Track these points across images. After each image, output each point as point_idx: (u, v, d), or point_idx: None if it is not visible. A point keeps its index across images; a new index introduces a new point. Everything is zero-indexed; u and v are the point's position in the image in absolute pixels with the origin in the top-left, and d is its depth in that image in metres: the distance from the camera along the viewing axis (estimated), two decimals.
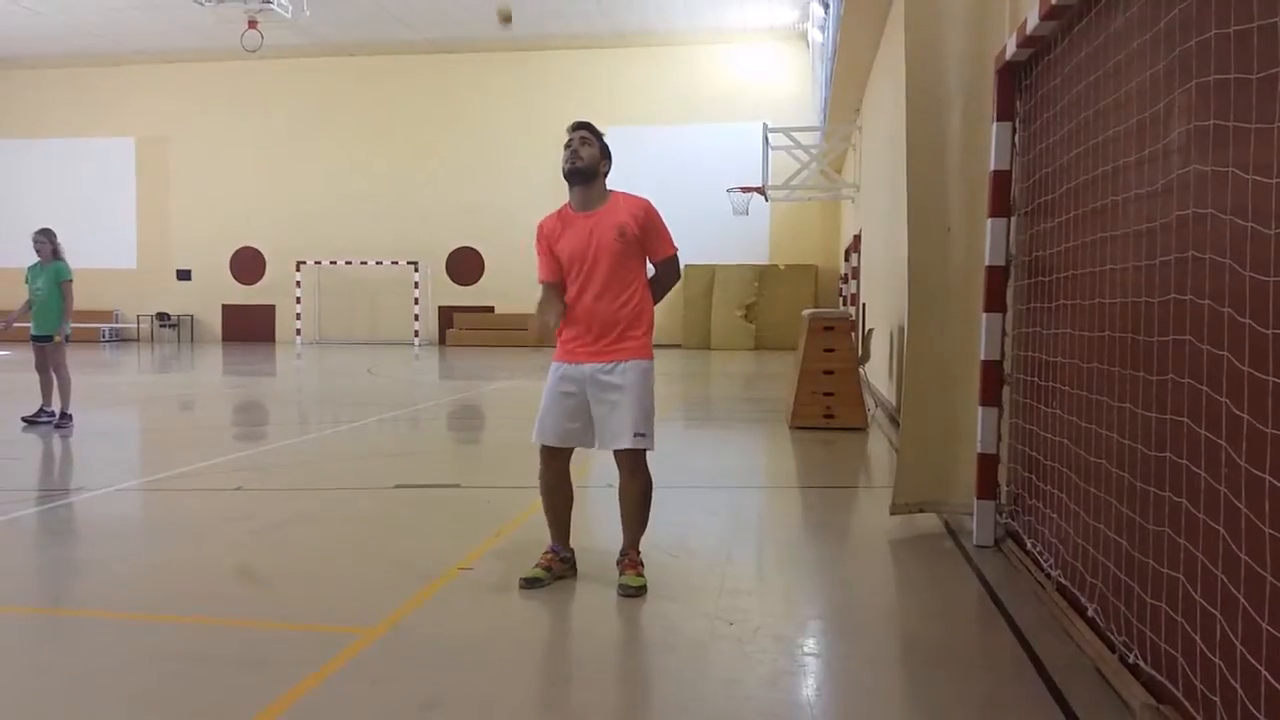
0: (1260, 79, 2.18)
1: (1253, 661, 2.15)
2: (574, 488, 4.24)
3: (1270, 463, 2.10)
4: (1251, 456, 2.19)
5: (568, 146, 4.01)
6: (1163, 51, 2.82)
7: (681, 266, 4.26)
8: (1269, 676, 2.08)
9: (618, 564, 4.10)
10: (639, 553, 4.12)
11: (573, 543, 4.24)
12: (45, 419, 9.28)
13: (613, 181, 4.13)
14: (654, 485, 4.16)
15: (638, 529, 4.13)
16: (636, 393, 3.97)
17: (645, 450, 4.03)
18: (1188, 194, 2.62)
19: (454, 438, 9.83)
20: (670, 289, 4.23)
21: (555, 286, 4.07)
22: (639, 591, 3.94)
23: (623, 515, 4.14)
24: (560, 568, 4.15)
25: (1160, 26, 2.83)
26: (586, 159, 3.99)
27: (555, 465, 4.15)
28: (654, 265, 4.13)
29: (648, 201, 4.08)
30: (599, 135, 4.10)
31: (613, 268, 3.95)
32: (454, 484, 6.73)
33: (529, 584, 4.02)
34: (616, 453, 4.04)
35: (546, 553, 4.17)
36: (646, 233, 4.02)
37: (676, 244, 4.14)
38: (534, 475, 4.22)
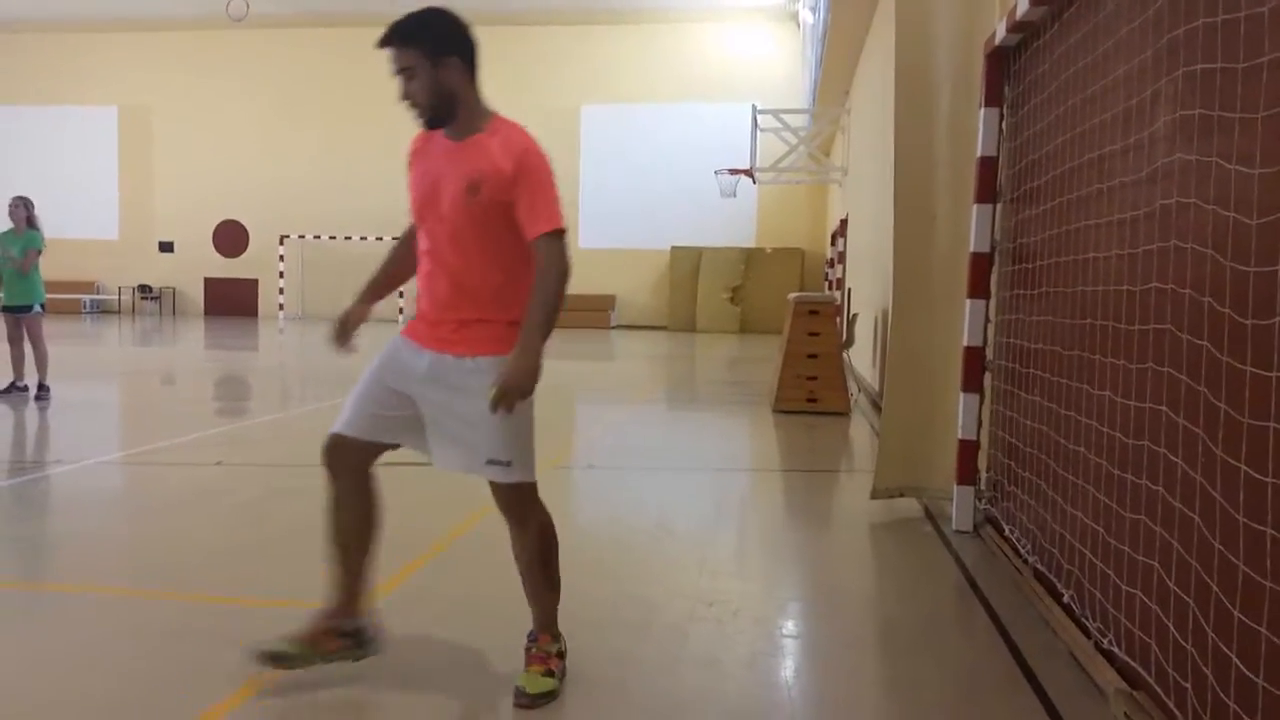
0: (1245, 68, 2.18)
1: (1224, 648, 2.18)
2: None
3: (1246, 452, 2.11)
4: (1228, 446, 2.20)
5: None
6: (1150, 39, 2.81)
7: (570, 256, 2.67)
8: (1239, 663, 2.10)
9: (525, 650, 2.89)
10: (553, 639, 2.88)
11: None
12: (18, 393, 8.99)
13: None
14: (564, 522, 3.05)
15: (542, 602, 2.90)
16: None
17: (522, 485, 2.72)
18: (1172, 183, 2.62)
19: None
20: (556, 293, 2.59)
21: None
22: (538, 699, 2.70)
23: (522, 583, 2.92)
24: (329, 645, 2.80)
25: (1149, 14, 2.82)
26: (425, 97, 2.65)
27: (348, 465, 2.81)
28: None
29: (530, 143, 2.65)
30: (425, 39, 2.66)
31: (465, 229, 2.68)
32: None
33: (273, 660, 2.74)
34: (491, 488, 2.77)
35: (318, 618, 2.81)
36: (515, 191, 2.60)
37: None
38: None
